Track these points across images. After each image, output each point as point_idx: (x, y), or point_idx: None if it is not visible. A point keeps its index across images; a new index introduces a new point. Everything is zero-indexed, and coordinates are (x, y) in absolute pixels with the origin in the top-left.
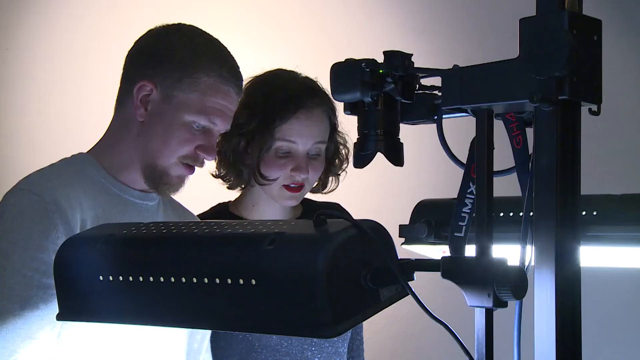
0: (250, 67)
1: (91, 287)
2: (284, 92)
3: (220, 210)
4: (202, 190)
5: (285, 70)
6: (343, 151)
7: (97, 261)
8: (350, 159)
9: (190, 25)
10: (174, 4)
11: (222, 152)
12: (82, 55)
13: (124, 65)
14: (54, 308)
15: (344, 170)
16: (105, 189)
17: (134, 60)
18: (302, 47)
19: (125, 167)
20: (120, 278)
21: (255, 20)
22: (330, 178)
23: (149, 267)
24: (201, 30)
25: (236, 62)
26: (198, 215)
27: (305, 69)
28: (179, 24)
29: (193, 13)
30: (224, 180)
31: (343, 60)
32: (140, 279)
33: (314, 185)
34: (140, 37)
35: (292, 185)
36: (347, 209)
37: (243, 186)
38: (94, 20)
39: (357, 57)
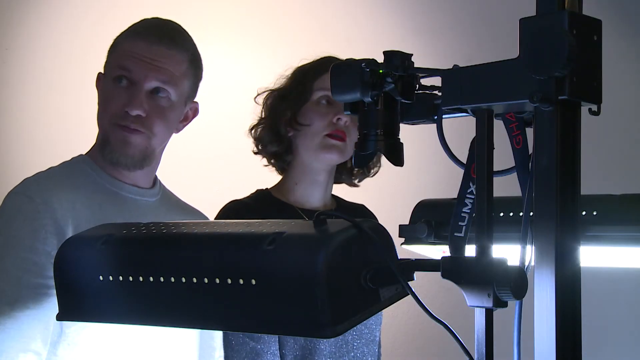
0: (250, 67)
1: (91, 287)
2: (313, 61)
3: (261, 196)
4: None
5: None
6: None
7: (97, 261)
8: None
9: (163, 18)
10: (174, 4)
11: (264, 114)
12: (82, 55)
13: None
14: (45, 307)
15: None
16: (101, 187)
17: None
18: (302, 47)
19: None
20: (120, 278)
21: (255, 20)
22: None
23: (148, 267)
24: (158, 18)
25: (165, 23)
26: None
27: None
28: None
29: (193, 13)
30: (265, 152)
31: (343, 60)
32: (140, 279)
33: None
34: None
35: (334, 133)
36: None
37: (285, 161)
38: (94, 20)
39: (357, 57)
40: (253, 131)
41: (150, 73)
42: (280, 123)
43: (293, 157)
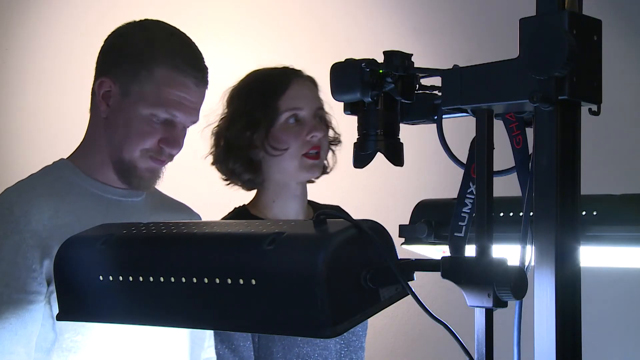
0: (250, 67)
1: (91, 287)
2: (271, 73)
3: (239, 213)
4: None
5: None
6: (332, 120)
7: (97, 261)
8: (337, 129)
9: (155, 20)
10: (174, 4)
11: (230, 144)
12: (82, 55)
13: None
14: (27, 322)
15: (339, 141)
16: (84, 191)
17: (98, 58)
18: (302, 47)
19: (102, 166)
20: (120, 278)
21: (255, 20)
22: (331, 154)
23: (149, 267)
24: (166, 24)
25: (197, 53)
26: None
27: (305, 69)
28: (145, 19)
29: (193, 13)
30: (238, 180)
31: (343, 60)
32: (140, 279)
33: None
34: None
35: (310, 152)
36: (346, 210)
37: (259, 183)
38: (94, 20)
39: (357, 57)
40: (220, 164)
41: (191, 117)
42: (251, 151)
43: (266, 177)
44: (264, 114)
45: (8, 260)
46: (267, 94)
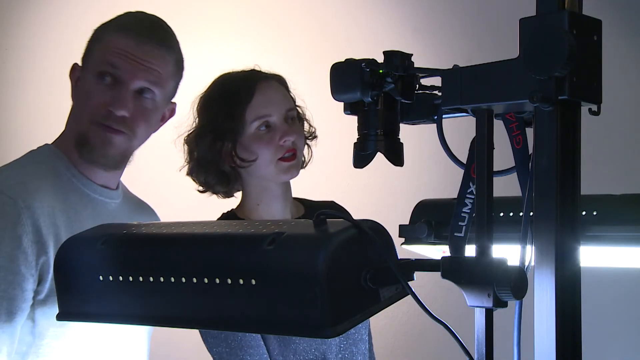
0: (250, 67)
1: (91, 287)
2: (235, 79)
3: (227, 218)
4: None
5: (227, 72)
6: (307, 115)
7: (97, 261)
8: (316, 142)
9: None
10: (174, 4)
11: (200, 157)
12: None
13: None
14: (15, 319)
15: (315, 136)
16: (75, 188)
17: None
18: (302, 47)
19: (73, 149)
20: (120, 278)
21: (255, 20)
22: (307, 149)
23: (148, 267)
24: (144, 13)
25: (151, 20)
26: None
27: (306, 69)
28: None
29: (193, 13)
30: (213, 191)
31: (343, 60)
32: (140, 279)
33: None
34: None
35: (286, 155)
36: (346, 208)
37: (238, 189)
38: (94, 20)
39: (357, 57)
40: (194, 175)
41: (139, 72)
42: (223, 163)
43: (246, 183)
44: (231, 125)
45: (7, 253)
46: (232, 105)
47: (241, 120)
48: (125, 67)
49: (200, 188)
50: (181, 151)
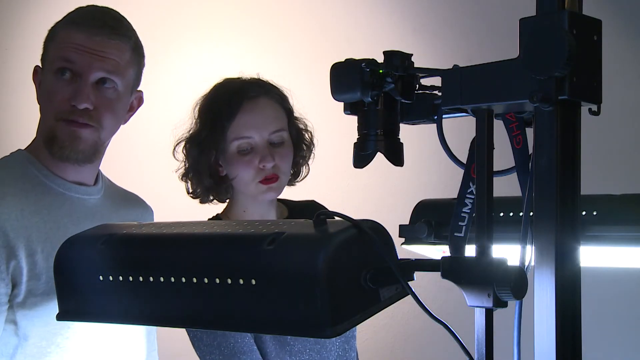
0: (250, 67)
1: (91, 287)
2: (225, 93)
3: None
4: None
5: (229, 77)
6: (306, 135)
7: (97, 261)
8: (316, 142)
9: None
10: (174, 4)
11: (189, 166)
12: None
13: None
14: None
15: (313, 154)
16: (48, 189)
17: None
18: (302, 47)
19: (43, 151)
20: (120, 278)
21: (255, 21)
22: (301, 166)
23: (148, 267)
24: (95, 6)
25: (103, 12)
26: None
27: (306, 69)
28: None
29: (193, 13)
30: (202, 198)
31: (343, 60)
32: (140, 279)
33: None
34: None
35: (265, 178)
36: (346, 210)
37: (229, 196)
38: None
39: (357, 57)
40: (184, 180)
41: (95, 63)
42: (209, 173)
43: (234, 191)
44: (214, 140)
45: None
46: (216, 120)
47: (223, 137)
48: (81, 60)
49: (191, 196)
50: (177, 152)
